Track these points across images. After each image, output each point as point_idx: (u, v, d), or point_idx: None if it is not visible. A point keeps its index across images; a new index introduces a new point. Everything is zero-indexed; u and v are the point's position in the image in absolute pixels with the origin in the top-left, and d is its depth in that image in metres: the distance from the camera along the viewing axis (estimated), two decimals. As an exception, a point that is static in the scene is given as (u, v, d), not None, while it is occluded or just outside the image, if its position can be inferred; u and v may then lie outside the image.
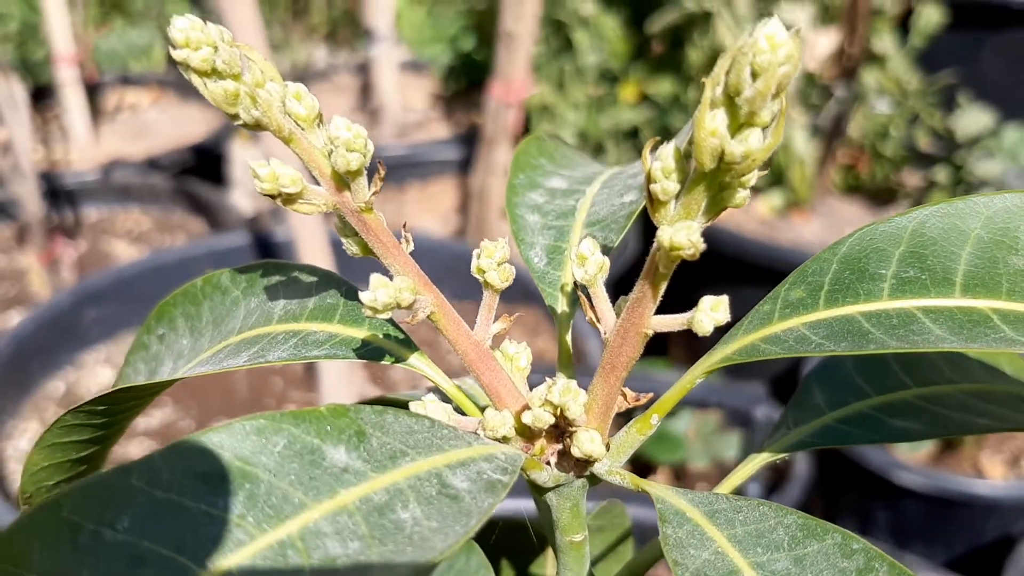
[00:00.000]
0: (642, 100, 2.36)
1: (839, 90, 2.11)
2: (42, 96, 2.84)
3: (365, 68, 2.95)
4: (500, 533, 0.46)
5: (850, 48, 2.07)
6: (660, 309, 0.31)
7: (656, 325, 0.31)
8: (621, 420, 0.35)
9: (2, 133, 2.01)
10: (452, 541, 0.24)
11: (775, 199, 2.14)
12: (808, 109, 2.14)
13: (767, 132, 0.26)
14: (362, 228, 0.31)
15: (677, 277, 0.30)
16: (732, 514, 0.30)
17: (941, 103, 2.17)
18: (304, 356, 0.34)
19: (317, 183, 0.31)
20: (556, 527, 0.36)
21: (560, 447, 0.34)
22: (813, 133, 2.15)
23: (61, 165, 2.56)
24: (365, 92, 2.95)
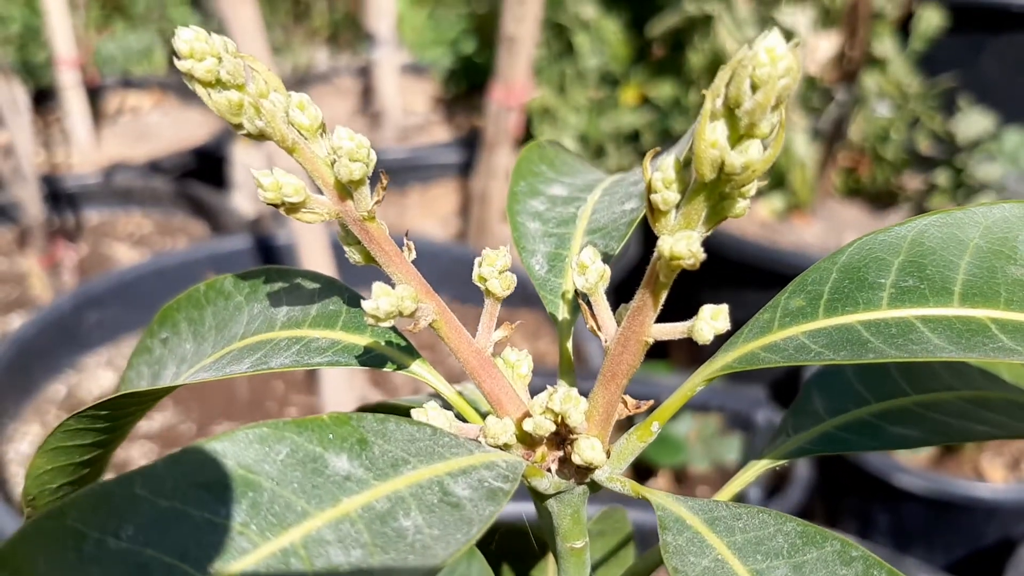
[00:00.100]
0: (643, 103, 2.37)
1: (840, 93, 2.11)
2: (43, 99, 2.85)
3: (366, 71, 2.95)
4: (501, 539, 0.46)
5: (851, 51, 2.07)
6: (662, 312, 0.31)
7: (657, 333, 0.31)
8: (622, 426, 0.36)
9: (3, 136, 2.01)
10: (454, 549, 0.24)
11: (776, 202, 2.14)
12: (809, 112, 2.14)
13: (767, 143, 0.26)
14: (365, 237, 0.31)
15: (679, 279, 0.30)
16: (732, 521, 0.30)
17: (942, 106, 2.17)
18: (307, 363, 0.34)
19: (320, 192, 0.31)
20: (557, 533, 0.36)
21: (561, 454, 0.34)
22: (814, 136, 2.15)
23: (62, 168, 2.56)
24: (366, 95, 2.96)
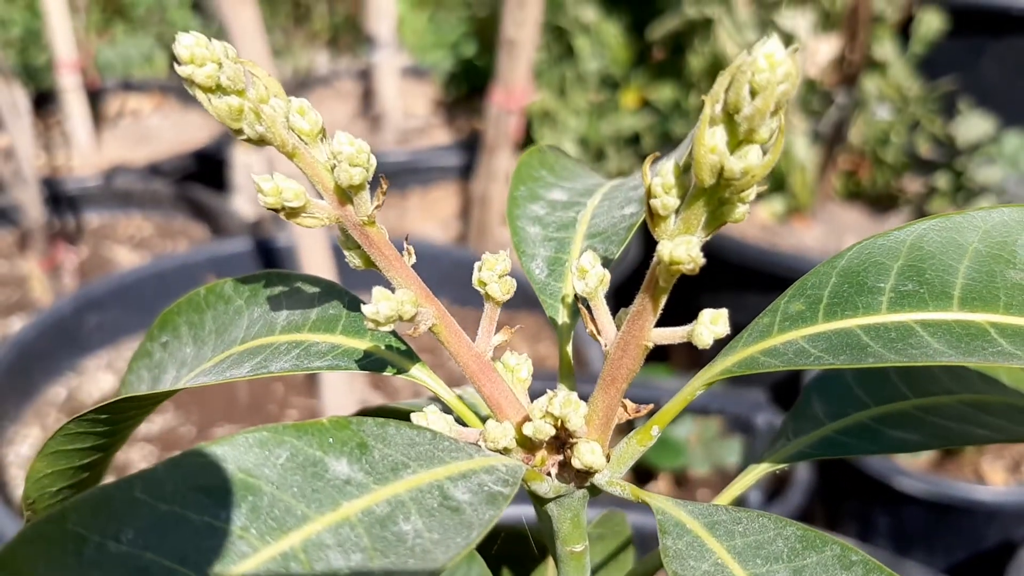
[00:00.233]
0: (643, 106, 2.37)
1: (840, 96, 2.11)
2: (44, 102, 2.85)
3: (367, 74, 2.95)
4: (501, 543, 0.46)
5: (851, 55, 2.07)
6: (662, 314, 0.31)
7: (656, 338, 0.31)
8: (622, 430, 0.36)
9: (4, 139, 2.01)
10: (453, 553, 0.24)
11: (776, 205, 2.14)
12: (809, 115, 2.14)
13: (766, 148, 0.26)
14: (365, 241, 0.31)
15: (679, 283, 0.30)
16: (732, 525, 0.30)
17: (942, 109, 2.17)
18: (307, 367, 0.34)
19: (320, 196, 0.31)
20: (557, 537, 0.36)
21: (561, 458, 0.34)
22: (814, 139, 2.15)
23: (63, 171, 2.56)
24: (367, 98, 2.96)
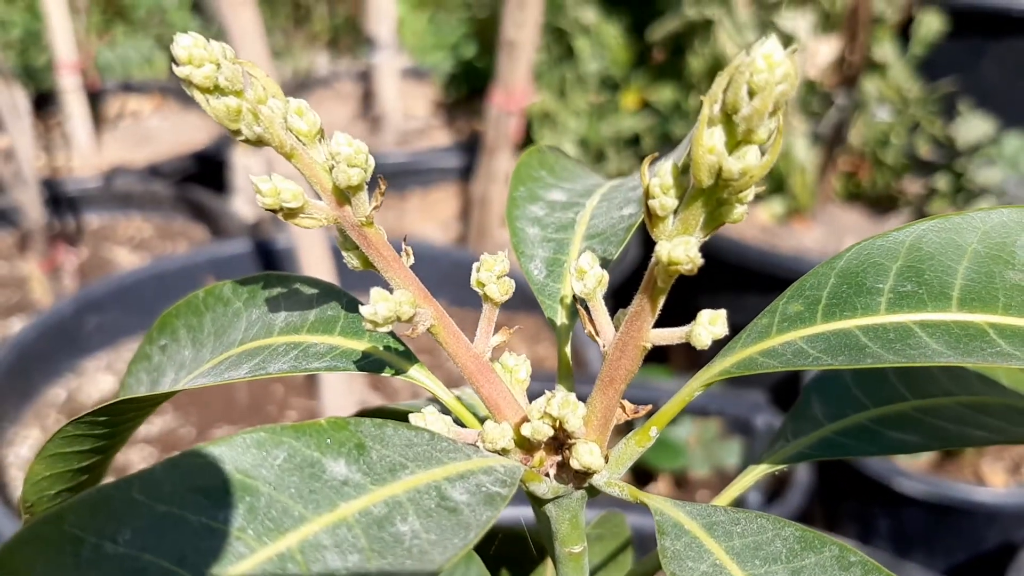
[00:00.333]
0: (643, 107, 2.37)
1: (840, 98, 2.11)
2: (44, 103, 2.86)
3: (367, 75, 2.95)
4: (500, 543, 0.46)
5: (851, 56, 2.07)
6: (661, 315, 0.31)
7: (655, 338, 0.31)
8: (621, 431, 0.36)
9: (4, 140, 2.01)
10: (451, 554, 0.24)
11: (776, 206, 2.14)
12: (809, 117, 2.15)
13: (765, 149, 0.26)
14: (363, 242, 0.31)
15: (679, 284, 0.30)
16: (730, 526, 0.30)
17: (942, 111, 2.17)
18: (305, 368, 0.34)
19: (318, 197, 0.31)
20: (555, 538, 0.36)
21: (559, 459, 0.34)
22: (814, 141, 2.15)
23: (63, 172, 2.56)
24: (367, 99, 2.96)
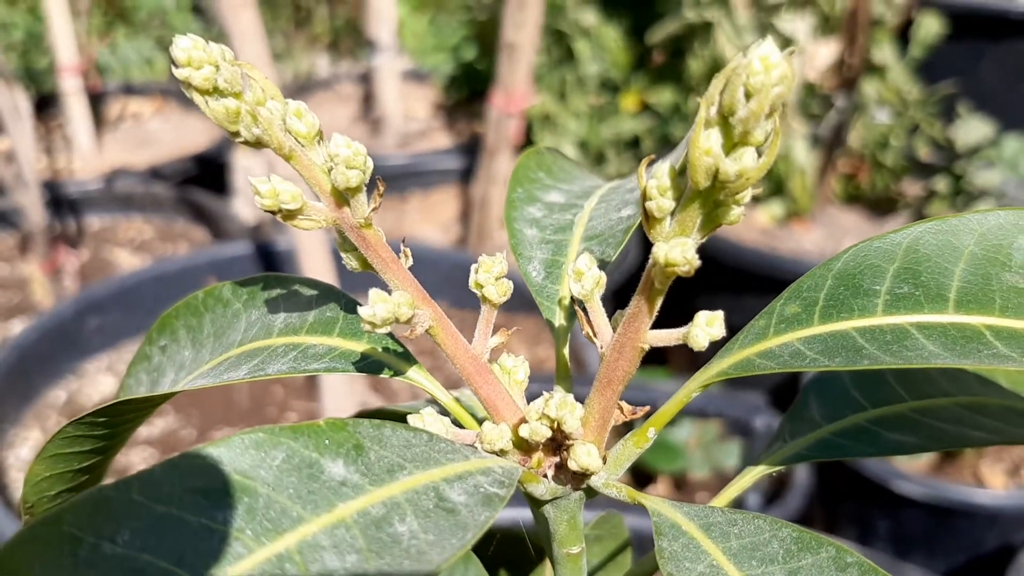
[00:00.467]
0: (643, 109, 2.37)
1: (839, 100, 2.11)
2: (45, 105, 2.86)
3: (367, 77, 2.96)
4: (498, 544, 0.46)
5: (850, 58, 2.08)
6: (661, 316, 0.31)
7: (652, 340, 0.31)
8: (620, 432, 0.36)
9: (5, 142, 2.02)
10: (448, 554, 0.24)
11: (776, 208, 2.14)
12: (808, 119, 2.15)
13: (761, 151, 0.26)
14: (361, 244, 0.32)
15: (679, 285, 0.30)
16: (727, 527, 0.30)
17: (941, 113, 2.17)
18: (304, 369, 0.34)
19: (318, 199, 0.32)
20: (553, 539, 0.36)
21: (557, 460, 0.34)
22: (813, 143, 2.15)
23: (64, 174, 2.56)
24: (367, 101, 2.96)
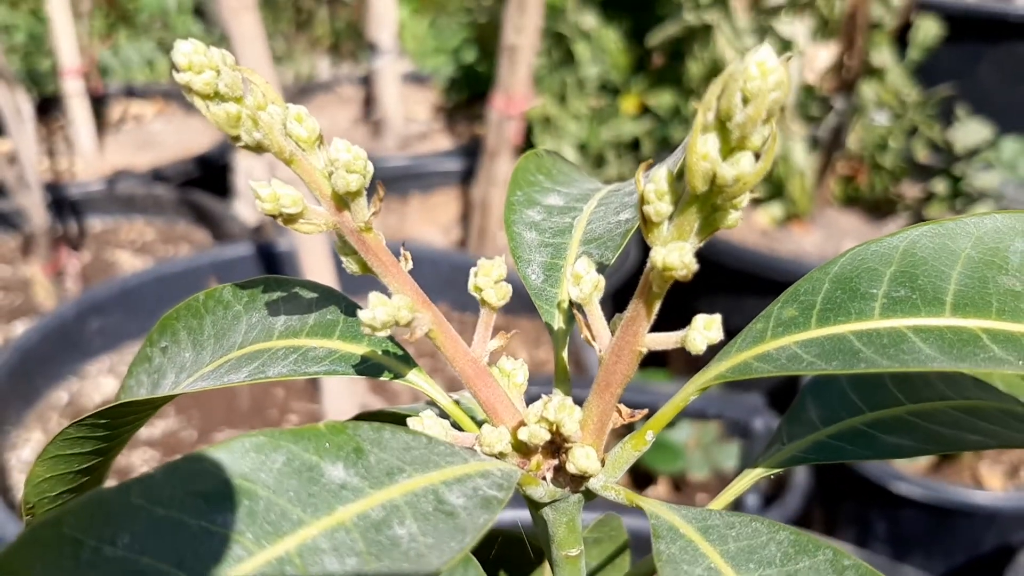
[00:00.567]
0: (643, 112, 2.37)
1: (838, 102, 2.12)
2: (48, 107, 2.86)
3: (368, 80, 2.96)
4: (498, 547, 0.46)
5: (849, 61, 2.08)
6: (661, 317, 0.31)
7: (650, 343, 0.31)
8: (619, 434, 0.36)
9: (8, 144, 2.02)
10: (448, 557, 0.24)
11: (775, 210, 2.15)
12: (807, 121, 2.15)
13: (759, 155, 0.26)
14: (361, 247, 0.32)
15: (679, 287, 0.30)
16: (725, 530, 0.30)
17: (939, 115, 2.17)
18: (304, 372, 0.34)
19: (318, 202, 0.32)
20: (552, 541, 0.36)
21: (556, 463, 0.34)
22: (812, 145, 2.15)
23: (66, 176, 2.57)
24: (368, 104, 2.97)
